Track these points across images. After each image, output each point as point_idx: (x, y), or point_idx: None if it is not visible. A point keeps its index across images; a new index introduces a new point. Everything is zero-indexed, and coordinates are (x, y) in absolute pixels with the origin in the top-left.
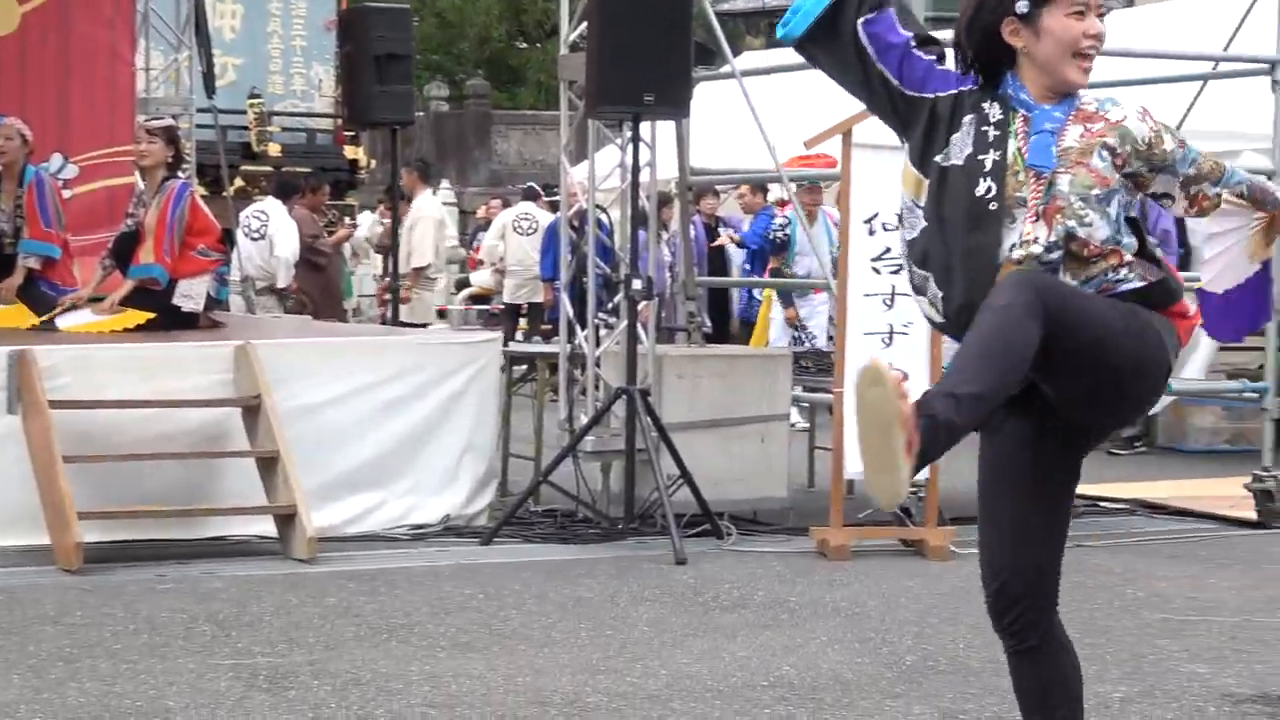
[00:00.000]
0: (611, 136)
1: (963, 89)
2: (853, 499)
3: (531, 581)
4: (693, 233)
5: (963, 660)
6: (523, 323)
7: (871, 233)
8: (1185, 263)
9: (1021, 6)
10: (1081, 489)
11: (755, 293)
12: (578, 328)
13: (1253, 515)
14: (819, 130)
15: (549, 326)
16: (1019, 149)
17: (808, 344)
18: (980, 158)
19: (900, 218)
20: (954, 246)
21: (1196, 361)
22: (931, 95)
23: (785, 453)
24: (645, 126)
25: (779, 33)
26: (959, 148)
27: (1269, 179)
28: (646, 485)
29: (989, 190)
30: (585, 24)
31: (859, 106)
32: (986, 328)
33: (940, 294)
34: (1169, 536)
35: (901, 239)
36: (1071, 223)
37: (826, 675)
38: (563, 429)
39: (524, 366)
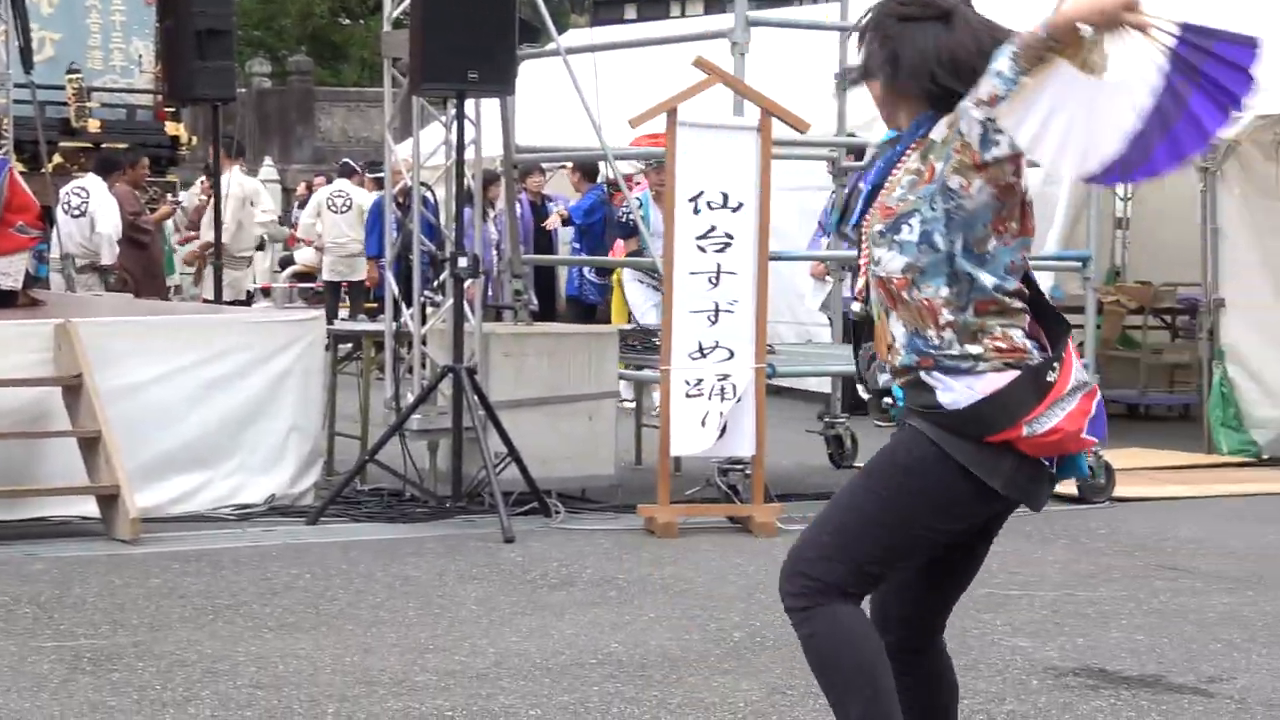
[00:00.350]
0: (436, 114)
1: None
2: (680, 476)
3: (358, 561)
4: (519, 211)
5: (790, 636)
6: (345, 300)
7: (697, 211)
8: None
9: None
10: None
11: (586, 272)
12: (403, 306)
13: (1073, 490)
14: (645, 108)
15: (374, 305)
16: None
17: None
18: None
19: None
20: None
21: None
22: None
23: (612, 431)
24: (470, 104)
25: None
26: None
27: None
28: (474, 464)
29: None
30: (408, 0)
31: (685, 84)
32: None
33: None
34: None
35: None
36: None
37: (654, 652)
38: (389, 407)
39: (349, 345)
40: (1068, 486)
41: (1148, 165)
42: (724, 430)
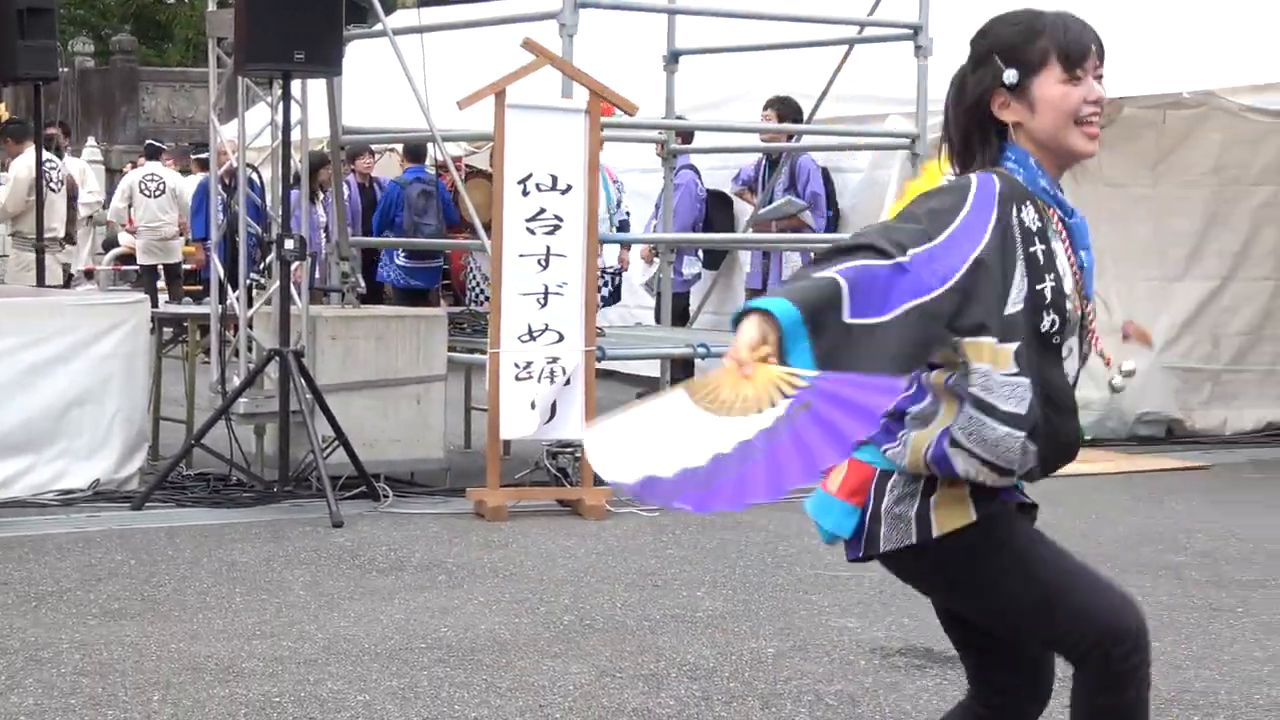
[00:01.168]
0: (262, 94)
1: (990, 217)
2: (509, 459)
3: (184, 546)
4: (347, 193)
5: (619, 619)
6: (163, 284)
7: (525, 193)
8: (834, 225)
9: (1010, 77)
10: None
11: (396, 258)
12: (229, 288)
13: None
14: (473, 90)
15: (198, 287)
16: (1074, 270)
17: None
18: (1038, 287)
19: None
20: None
21: None
22: (967, 261)
23: (442, 414)
24: (296, 85)
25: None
26: (1018, 286)
27: (913, 143)
28: (301, 448)
29: (1053, 324)
30: None
31: (512, 66)
32: None
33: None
34: None
35: (998, 407)
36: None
37: (484, 636)
38: (215, 391)
39: (174, 328)
40: None
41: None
42: (553, 413)
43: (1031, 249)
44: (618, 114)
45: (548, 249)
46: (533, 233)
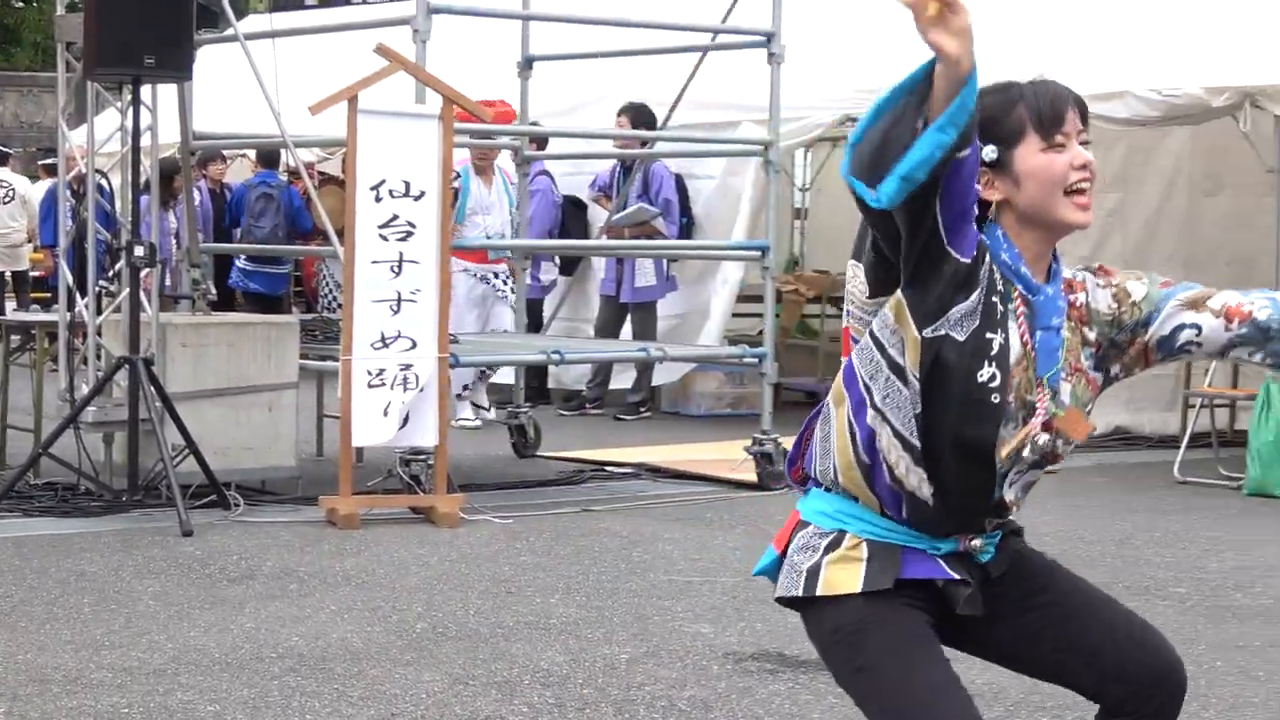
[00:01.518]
0: (112, 99)
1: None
2: (362, 467)
3: (31, 556)
4: (198, 199)
5: (472, 627)
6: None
7: (378, 199)
8: (687, 232)
9: (989, 153)
10: (587, 454)
11: (239, 262)
12: (78, 295)
13: (753, 477)
14: (326, 95)
15: (47, 295)
16: (1025, 343)
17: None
18: (988, 336)
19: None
20: (943, 431)
21: (710, 330)
22: (965, 258)
23: (294, 421)
24: (146, 90)
25: (871, 200)
26: (960, 320)
27: (766, 150)
28: (151, 456)
29: (993, 378)
30: None
31: (365, 71)
32: None
33: (927, 482)
34: (674, 500)
35: (879, 399)
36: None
37: (336, 645)
38: (63, 399)
39: (21, 336)
40: (747, 473)
41: None
42: (406, 420)
43: (993, 298)
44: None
45: (400, 255)
46: (385, 239)
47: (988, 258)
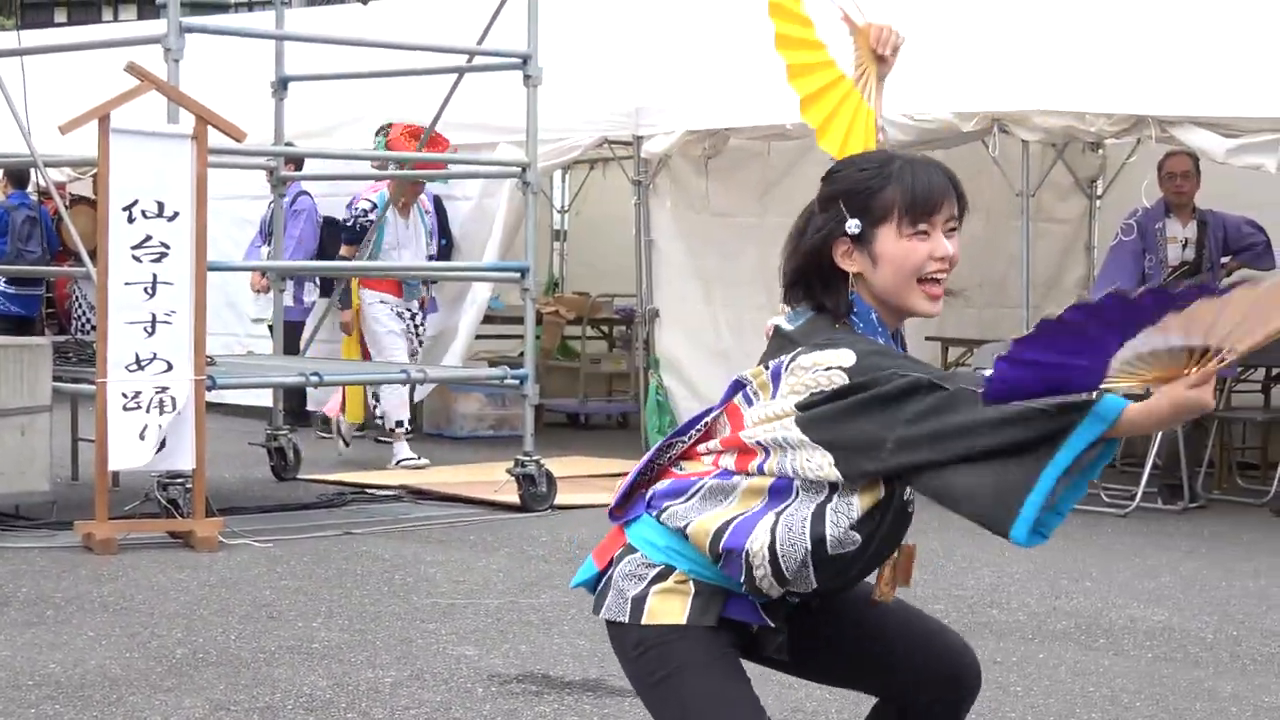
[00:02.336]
0: None
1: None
2: (118, 491)
3: None
4: None
5: (233, 652)
6: None
7: (131, 220)
8: (447, 253)
9: (852, 227)
10: (348, 476)
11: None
12: None
13: (516, 499)
14: (77, 114)
15: None
16: None
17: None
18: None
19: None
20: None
21: (455, 350)
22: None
23: (47, 445)
24: None
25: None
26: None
27: (524, 171)
28: None
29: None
30: None
31: (117, 90)
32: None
33: (777, 587)
34: (436, 522)
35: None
36: None
37: (94, 672)
38: None
39: None
40: (510, 494)
41: None
42: (163, 443)
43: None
44: (226, 140)
45: (154, 277)
46: (139, 260)
47: None
